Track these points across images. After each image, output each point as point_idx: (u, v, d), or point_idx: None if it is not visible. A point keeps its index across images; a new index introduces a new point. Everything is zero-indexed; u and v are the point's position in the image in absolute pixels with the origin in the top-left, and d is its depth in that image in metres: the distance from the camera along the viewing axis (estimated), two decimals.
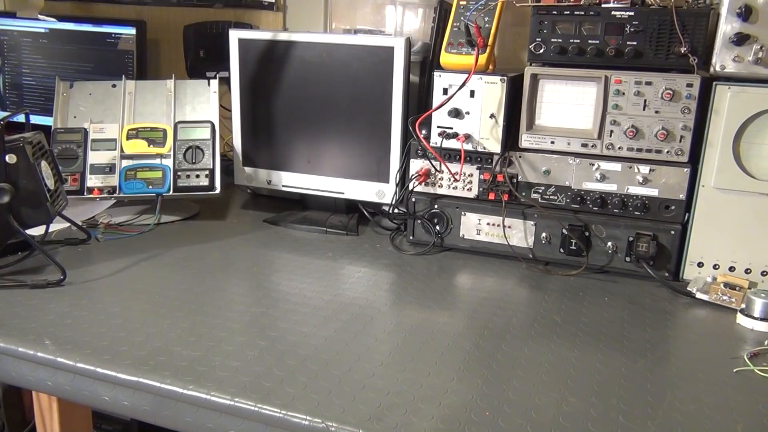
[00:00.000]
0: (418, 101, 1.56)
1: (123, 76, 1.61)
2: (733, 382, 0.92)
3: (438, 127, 1.35)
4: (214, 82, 1.62)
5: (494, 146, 1.32)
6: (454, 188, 1.39)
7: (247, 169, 1.64)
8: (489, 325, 1.07)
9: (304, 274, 1.25)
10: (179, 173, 1.52)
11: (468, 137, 1.33)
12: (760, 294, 1.10)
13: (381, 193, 1.51)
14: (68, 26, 2.00)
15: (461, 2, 1.35)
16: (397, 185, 1.48)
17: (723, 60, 1.17)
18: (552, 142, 1.30)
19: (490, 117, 1.31)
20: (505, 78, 1.29)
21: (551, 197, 1.32)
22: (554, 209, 1.32)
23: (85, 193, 1.49)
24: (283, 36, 1.55)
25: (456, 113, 1.32)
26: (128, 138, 1.54)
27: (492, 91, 1.30)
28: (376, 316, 1.08)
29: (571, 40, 1.25)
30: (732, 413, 0.85)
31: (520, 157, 1.33)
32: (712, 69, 1.19)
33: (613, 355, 0.98)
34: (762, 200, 1.19)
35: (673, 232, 1.25)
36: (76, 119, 1.56)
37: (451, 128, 1.34)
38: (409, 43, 1.43)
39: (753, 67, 1.16)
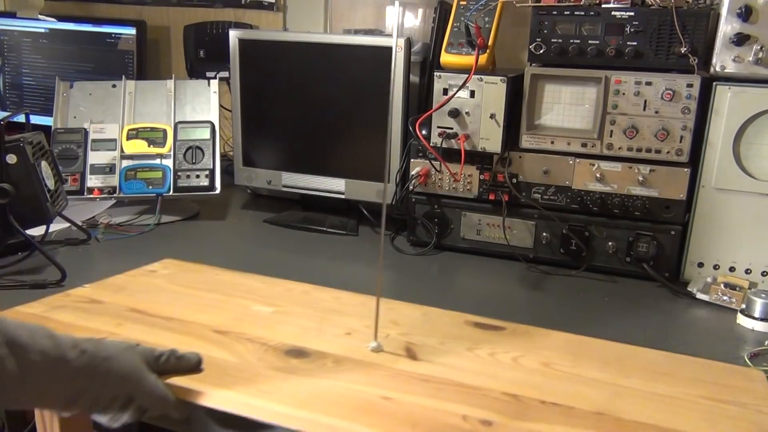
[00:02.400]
0: (418, 101, 1.56)
1: (123, 76, 1.61)
2: None
3: (438, 127, 1.35)
4: (214, 82, 1.62)
5: (494, 146, 1.32)
6: (454, 188, 1.39)
7: (247, 169, 1.64)
8: None
9: (304, 275, 1.25)
10: (179, 173, 1.52)
11: (468, 137, 1.33)
12: (761, 294, 1.10)
13: (381, 193, 1.51)
14: (68, 26, 2.00)
15: (461, 2, 1.35)
16: (397, 185, 1.48)
17: (723, 60, 1.18)
18: (552, 142, 1.30)
19: (490, 117, 1.31)
20: (506, 78, 1.29)
21: (551, 197, 1.32)
22: (554, 209, 1.32)
23: (85, 193, 1.49)
24: (283, 36, 1.56)
25: (456, 113, 1.32)
26: (128, 138, 1.54)
27: (492, 91, 1.30)
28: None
29: (571, 41, 1.25)
30: None
31: (520, 157, 1.33)
32: (712, 69, 1.19)
33: None
34: (762, 200, 1.19)
35: (673, 233, 1.25)
36: (76, 119, 1.57)
37: (451, 128, 1.34)
38: (409, 43, 1.43)
39: (753, 68, 1.16)
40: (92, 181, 1.50)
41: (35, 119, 1.78)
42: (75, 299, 1.02)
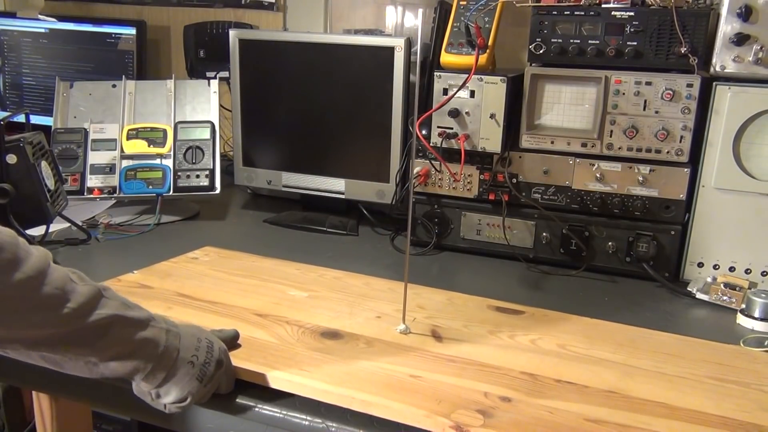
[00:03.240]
0: (418, 101, 1.56)
1: (123, 76, 1.61)
2: None
3: (438, 127, 1.35)
4: (214, 82, 1.62)
5: (494, 146, 1.32)
6: (454, 188, 1.39)
7: (247, 169, 1.64)
8: None
9: None
10: (179, 173, 1.52)
11: (468, 137, 1.33)
12: (760, 294, 1.10)
13: (381, 193, 1.51)
14: (68, 26, 2.00)
15: (461, 2, 1.35)
16: (397, 185, 1.48)
17: (723, 60, 1.18)
18: (552, 142, 1.30)
19: (490, 117, 1.31)
20: (506, 78, 1.29)
21: (551, 197, 1.32)
22: (554, 209, 1.32)
23: (85, 193, 1.49)
24: (283, 36, 1.56)
25: (456, 113, 1.32)
26: (128, 138, 1.54)
27: (492, 91, 1.30)
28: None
29: (571, 41, 1.25)
30: None
31: (520, 157, 1.33)
32: (712, 69, 1.19)
33: None
34: (762, 200, 1.19)
35: (673, 233, 1.25)
36: (76, 119, 1.57)
37: (451, 128, 1.34)
38: (409, 43, 1.43)
39: (753, 67, 1.16)
40: (92, 181, 1.50)
41: (35, 119, 1.78)
42: (126, 284, 1.10)
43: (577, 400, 0.80)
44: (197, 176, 1.53)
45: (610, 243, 1.28)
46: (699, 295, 1.18)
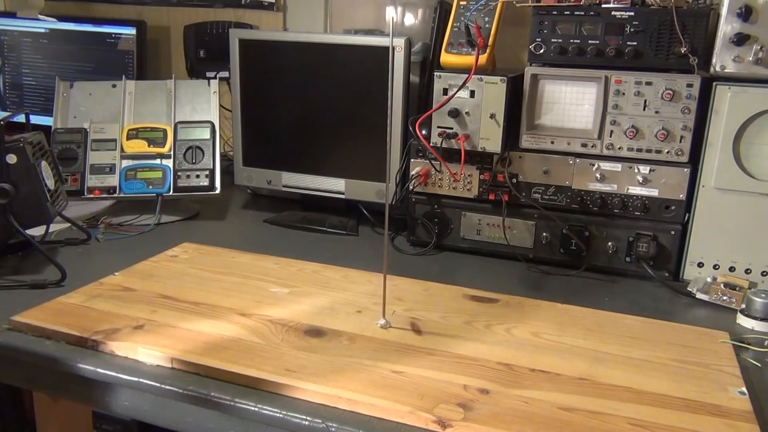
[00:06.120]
0: (418, 101, 1.56)
1: (123, 76, 1.61)
2: None
3: (438, 127, 1.35)
4: (214, 82, 1.62)
5: (494, 146, 1.32)
6: (454, 188, 1.39)
7: (247, 169, 1.64)
8: None
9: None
10: (179, 173, 1.52)
11: (468, 137, 1.33)
12: (760, 294, 1.10)
13: (381, 193, 1.51)
14: (68, 26, 2.00)
15: (461, 2, 1.35)
16: (397, 185, 1.48)
17: (723, 60, 1.18)
18: (552, 142, 1.30)
19: (490, 117, 1.31)
20: (505, 78, 1.29)
21: (551, 197, 1.32)
22: (554, 209, 1.32)
23: (85, 193, 1.49)
24: (283, 36, 1.55)
25: (456, 113, 1.32)
26: (128, 138, 1.54)
27: (492, 91, 1.30)
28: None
29: (571, 40, 1.25)
30: None
31: (520, 157, 1.33)
32: (712, 69, 1.19)
33: None
34: (762, 200, 1.19)
35: (673, 233, 1.25)
36: (76, 119, 1.56)
37: (451, 128, 1.34)
38: (409, 43, 1.43)
39: (753, 67, 1.16)
40: (92, 181, 1.50)
41: (35, 119, 1.78)
42: (109, 288, 1.09)
43: (551, 389, 0.83)
44: (197, 176, 1.53)
45: (610, 243, 1.28)
46: (699, 295, 1.18)
